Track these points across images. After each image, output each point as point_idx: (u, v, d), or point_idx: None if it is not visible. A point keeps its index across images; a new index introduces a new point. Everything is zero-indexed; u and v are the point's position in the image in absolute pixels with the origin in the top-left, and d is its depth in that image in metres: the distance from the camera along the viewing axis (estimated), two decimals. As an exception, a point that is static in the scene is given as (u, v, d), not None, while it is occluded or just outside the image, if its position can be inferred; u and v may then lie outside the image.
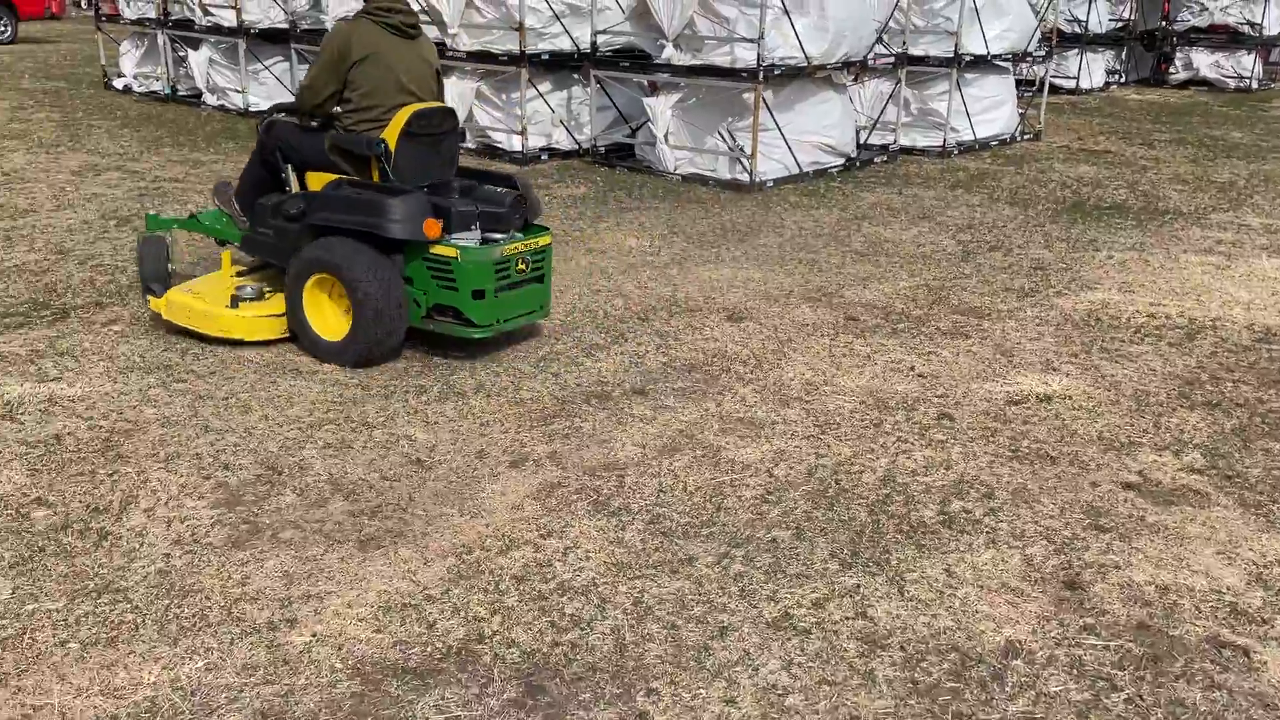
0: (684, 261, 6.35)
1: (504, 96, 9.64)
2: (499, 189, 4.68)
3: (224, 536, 3.16)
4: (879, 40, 9.56)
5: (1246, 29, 17.70)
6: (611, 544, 3.20)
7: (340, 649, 2.67)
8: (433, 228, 4.29)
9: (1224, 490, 3.61)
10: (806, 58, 8.45)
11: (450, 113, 4.76)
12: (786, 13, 8.24)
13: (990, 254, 6.68)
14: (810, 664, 2.67)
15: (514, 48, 9.15)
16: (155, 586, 2.90)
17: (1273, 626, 2.85)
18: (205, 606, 2.82)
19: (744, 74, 8.28)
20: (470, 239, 4.43)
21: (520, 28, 8.99)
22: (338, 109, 4.74)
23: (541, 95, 9.57)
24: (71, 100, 12.31)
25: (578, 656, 2.68)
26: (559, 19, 9.36)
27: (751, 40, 8.16)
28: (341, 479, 3.52)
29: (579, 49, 9.49)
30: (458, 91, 9.67)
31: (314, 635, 2.71)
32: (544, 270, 4.71)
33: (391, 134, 4.50)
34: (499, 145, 9.66)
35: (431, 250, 4.37)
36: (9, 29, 19.12)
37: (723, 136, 8.75)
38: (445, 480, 3.54)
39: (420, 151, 4.60)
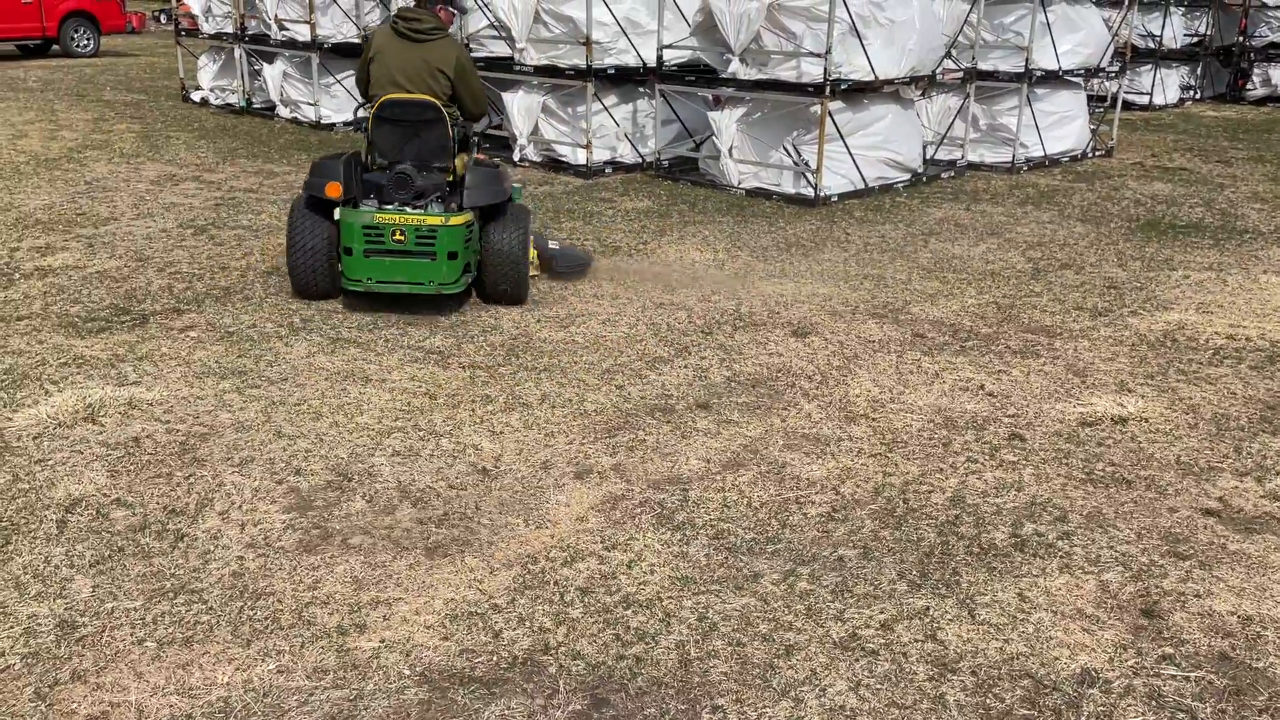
0: (748, 275, 6.32)
1: (570, 110, 9.72)
2: (399, 166, 5.18)
3: (295, 541, 3.21)
4: (947, 55, 9.46)
5: (1330, 43, 17.18)
6: (676, 558, 3.19)
7: (408, 655, 2.69)
8: (332, 189, 5.07)
9: (1311, 519, 3.49)
10: (874, 72, 8.39)
11: (428, 105, 5.24)
12: (854, 28, 8.20)
13: (1061, 272, 6.55)
14: (879, 686, 2.63)
15: (580, 62, 9.23)
16: (229, 588, 2.96)
17: (1365, 663, 2.74)
18: (277, 609, 2.86)
19: (810, 89, 8.25)
20: (369, 206, 5.15)
21: (587, 43, 9.07)
22: None
23: (607, 109, 9.63)
24: (151, 112, 12.69)
25: (643, 671, 2.67)
26: (625, 34, 9.42)
27: (818, 55, 8.12)
28: (409, 486, 3.56)
29: (644, 63, 9.53)
30: (524, 105, 9.78)
31: (382, 641, 2.74)
32: (436, 248, 5.07)
33: (372, 118, 5.29)
34: (564, 159, 9.73)
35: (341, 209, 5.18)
36: (91, 43, 19.80)
37: (787, 151, 8.72)
38: (511, 490, 3.57)
39: (395, 134, 5.27)
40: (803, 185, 8.57)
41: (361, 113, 5.71)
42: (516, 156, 9.91)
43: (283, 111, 12.34)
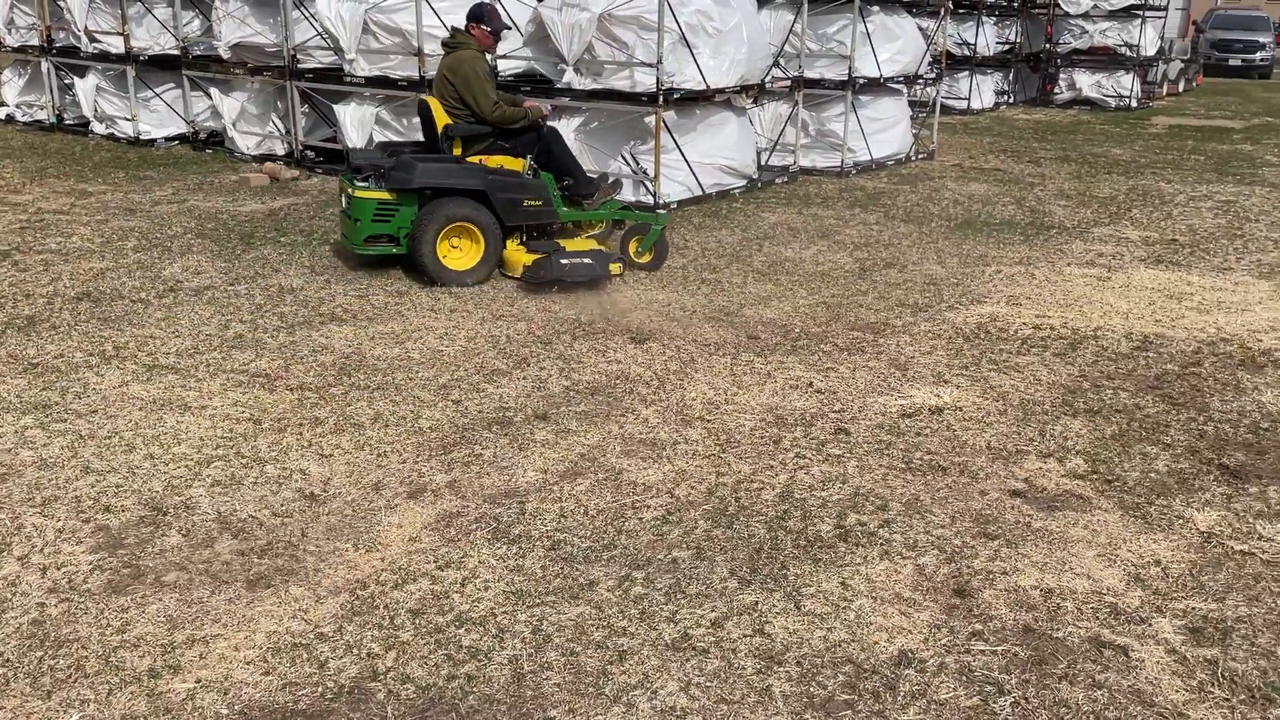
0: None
1: (405, 122, 9.56)
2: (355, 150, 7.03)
3: (103, 582, 3.03)
4: (775, 63, 9.76)
5: (1124, 50, 18.60)
6: (511, 572, 3.17)
7: (226, 694, 2.58)
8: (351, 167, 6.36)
9: (1104, 494, 3.75)
10: (705, 81, 8.57)
11: (426, 106, 6.50)
12: (684, 38, 8.36)
13: (886, 271, 6.85)
14: (708, 684, 2.68)
15: (414, 73, 9.09)
16: (28, 638, 2.77)
17: (1150, 625, 2.96)
18: (82, 656, 2.70)
19: (644, 98, 8.36)
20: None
21: (419, 54, 8.94)
22: None
23: (443, 120, 9.51)
24: (-52, 130, 11.79)
25: (474, 689, 2.64)
26: (458, 44, 9.32)
27: (651, 65, 8.24)
28: (230, 517, 3.42)
29: (479, 74, 9.46)
30: (357, 117, 9.56)
31: (198, 681, 2.62)
32: (352, 214, 6.15)
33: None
34: (401, 171, 9.55)
35: None
36: (-120, 56, 18.24)
37: (626, 159, 8.81)
38: (340, 514, 3.47)
39: (424, 128, 6.65)
40: (642, 193, 8.68)
41: None
42: (352, 170, 9.68)
43: (97, 128, 11.67)
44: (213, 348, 4.98)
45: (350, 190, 6.13)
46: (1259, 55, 27.84)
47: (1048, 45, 19.46)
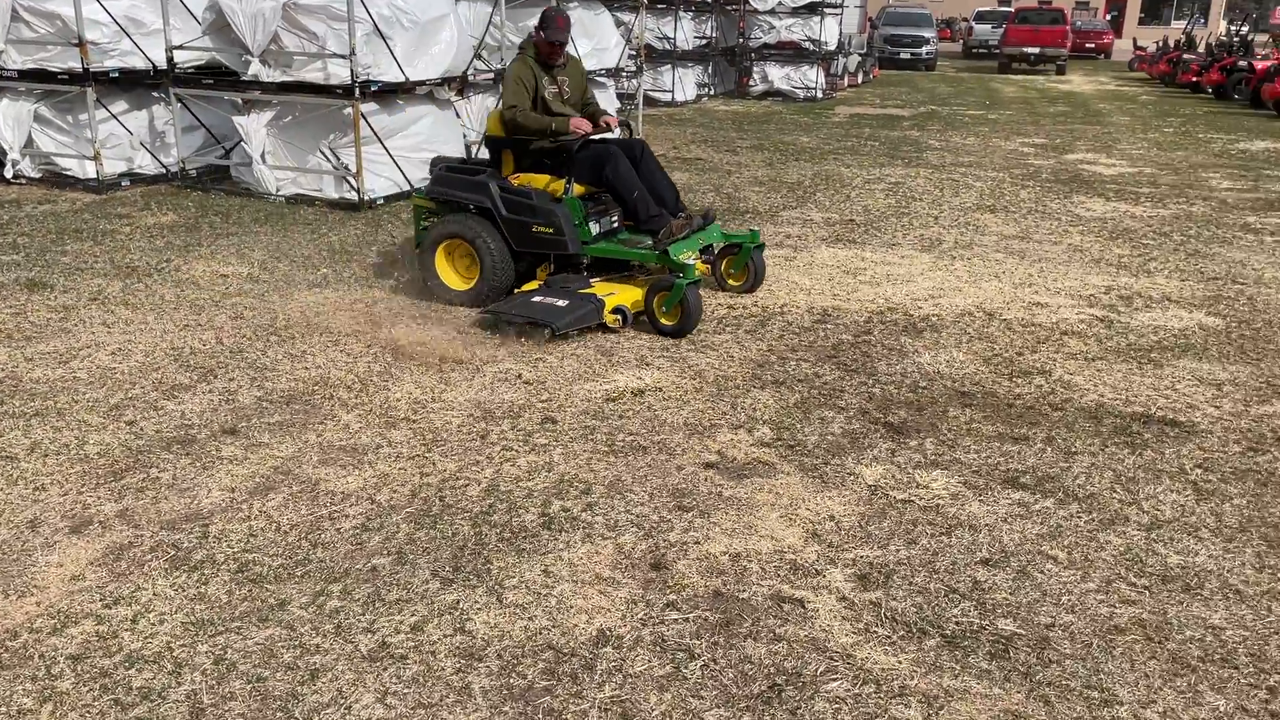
0: (287, 287, 6.04)
1: (70, 119, 8.68)
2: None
3: None
4: (478, 56, 9.70)
5: (809, 45, 20.05)
6: (191, 601, 2.95)
7: None
8: None
9: (787, 459, 4.02)
10: (404, 74, 8.37)
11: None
12: (378, 29, 8.12)
13: (593, 259, 6.98)
14: (406, 690, 2.62)
15: (76, 65, 8.25)
16: None
17: (824, 576, 3.20)
18: None
19: (339, 90, 8.05)
20: None
21: (80, 43, 8.12)
22: None
23: (115, 116, 8.72)
24: None
25: (146, 733, 2.43)
26: (127, 34, 8.57)
27: (343, 56, 7.94)
28: None
29: (155, 66, 8.74)
30: (12, 115, 8.57)
31: None
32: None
33: None
34: (69, 173, 8.67)
35: None
36: None
37: (326, 155, 8.45)
38: (-16, 560, 3.09)
39: None
40: (346, 190, 8.37)
41: None
42: (9, 174, 8.65)
43: None
44: None
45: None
46: (924, 49, 30.91)
47: (741, 40, 20.62)
